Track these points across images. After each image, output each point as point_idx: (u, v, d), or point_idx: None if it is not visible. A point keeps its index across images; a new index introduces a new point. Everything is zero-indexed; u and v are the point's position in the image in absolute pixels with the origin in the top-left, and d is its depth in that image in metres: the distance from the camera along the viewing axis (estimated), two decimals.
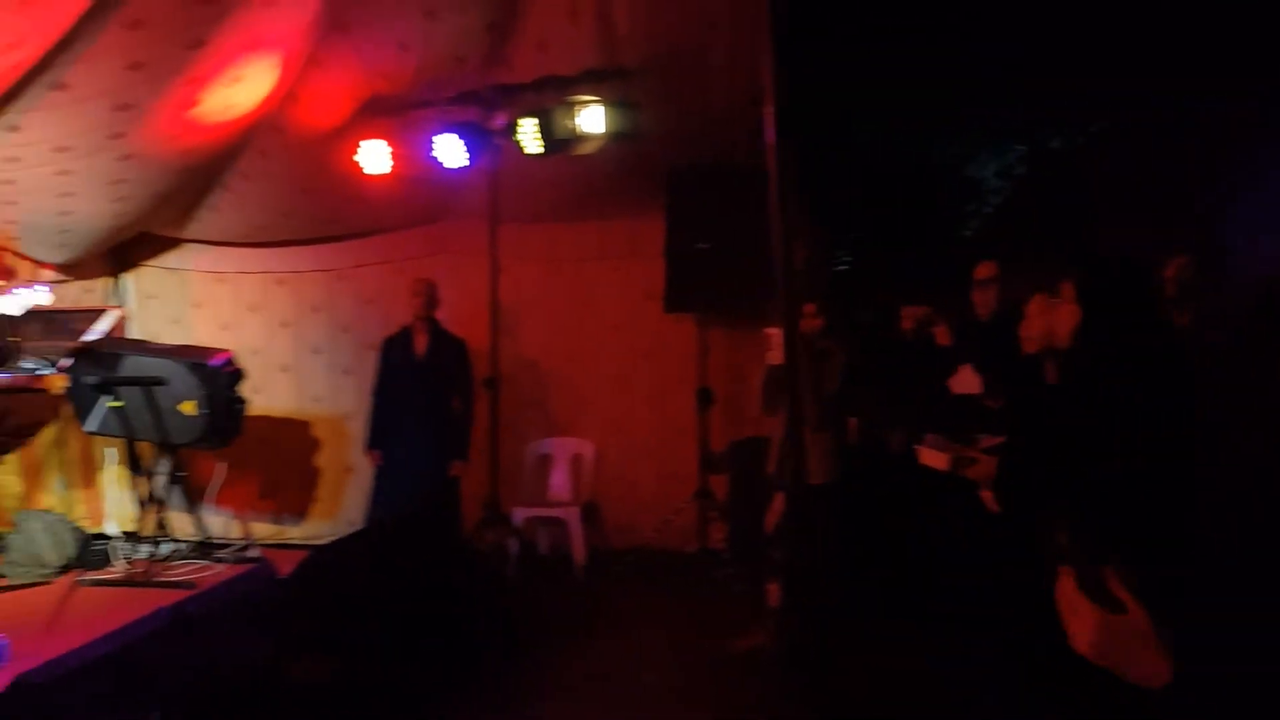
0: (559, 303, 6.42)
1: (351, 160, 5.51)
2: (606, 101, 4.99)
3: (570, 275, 6.40)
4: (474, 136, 5.31)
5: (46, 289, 4.35)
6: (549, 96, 5.12)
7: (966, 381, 4.08)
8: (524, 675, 4.26)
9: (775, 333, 4.01)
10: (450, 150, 5.31)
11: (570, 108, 5.00)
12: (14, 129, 5.14)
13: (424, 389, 5.73)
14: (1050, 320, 2.69)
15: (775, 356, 4.08)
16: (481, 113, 5.29)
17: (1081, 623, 2.39)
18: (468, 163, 5.40)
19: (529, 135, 5.11)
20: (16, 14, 4.18)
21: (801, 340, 4.02)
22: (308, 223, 6.50)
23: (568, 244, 6.36)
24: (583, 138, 5.03)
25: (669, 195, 5.68)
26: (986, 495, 3.04)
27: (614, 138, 5.07)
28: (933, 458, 3.38)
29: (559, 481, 6.24)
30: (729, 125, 5.23)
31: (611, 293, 6.36)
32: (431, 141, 5.32)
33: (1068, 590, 2.45)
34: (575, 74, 5.03)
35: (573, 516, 5.85)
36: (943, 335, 4.43)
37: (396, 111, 5.47)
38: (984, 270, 4.30)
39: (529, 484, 6.24)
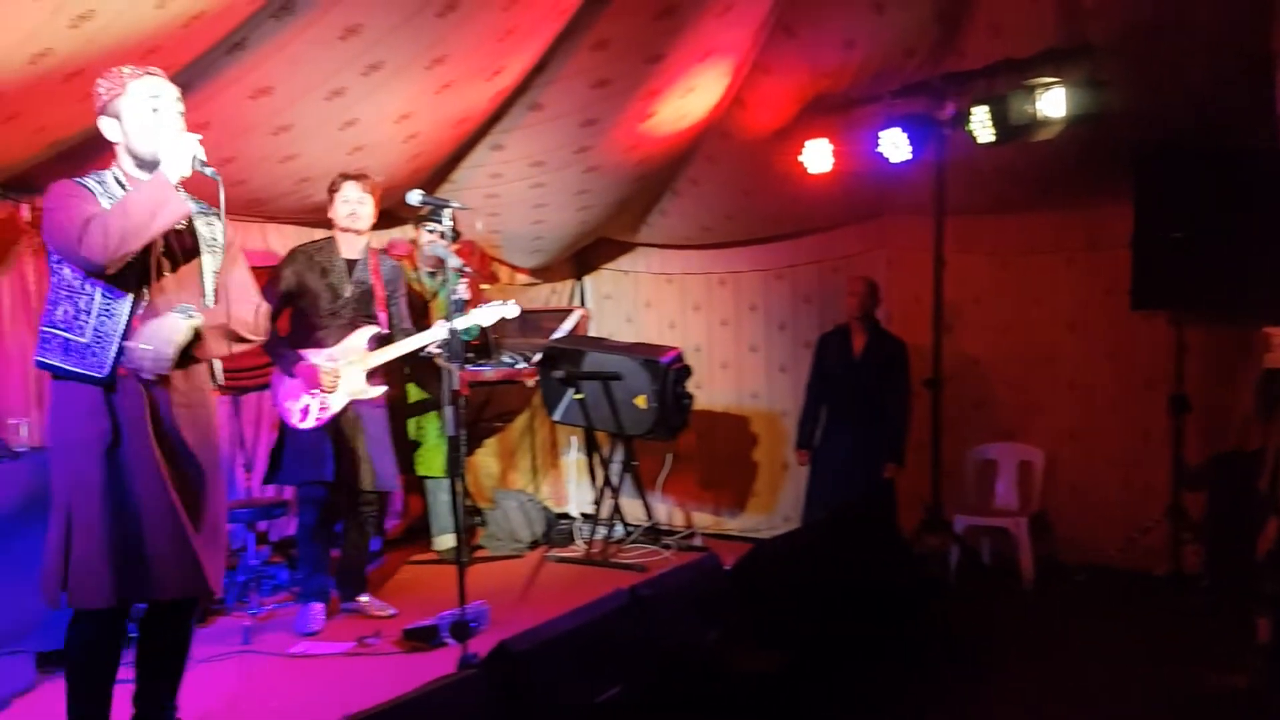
0: (1007, 299, 6.06)
1: (793, 161, 5.56)
2: (1069, 82, 4.61)
3: (1019, 269, 6.02)
4: (920, 129, 5.15)
5: (515, 304, 4.85)
6: (1003, 81, 4.83)
7: None
8: (968, 686, 4.06)
9: (1278, 331, 3.50)
10: (895, 144, 5.19)
11: (1028, 92, 4.68)
12: (498, 148, 5.73)
13: (860, 389, 5.66)
14: None
15: (1276, 359, 3.56)
16: (929, 104, 5.11)
17: None
18: (911, 156, 5.25)
19: (981, 124, 4.86)
20: (501, 43, 4.64)
21: None
22: (749, 224, 6.67)
23: (1017, 236, 5.98)
24: (1041, 123, 4.68)
25: (1137, 180, 5.14)
26: None
27: (1075, 121, 4.68)
28: None
29: (1005, 489, 5.90)
30: (1211, 99, 4.64)
31: (1066, 288, 5.89)
32: (874, 137, 5.23)
33: None
34: (1034, 55, 4.71)
35: (1020, 527, 5.51)
36: None
37: (840, 109, 5.45)
38: None
39: (972, 490, 5.96)
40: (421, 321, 5.27)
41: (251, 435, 5.69)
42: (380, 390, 4.72)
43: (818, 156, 5.49)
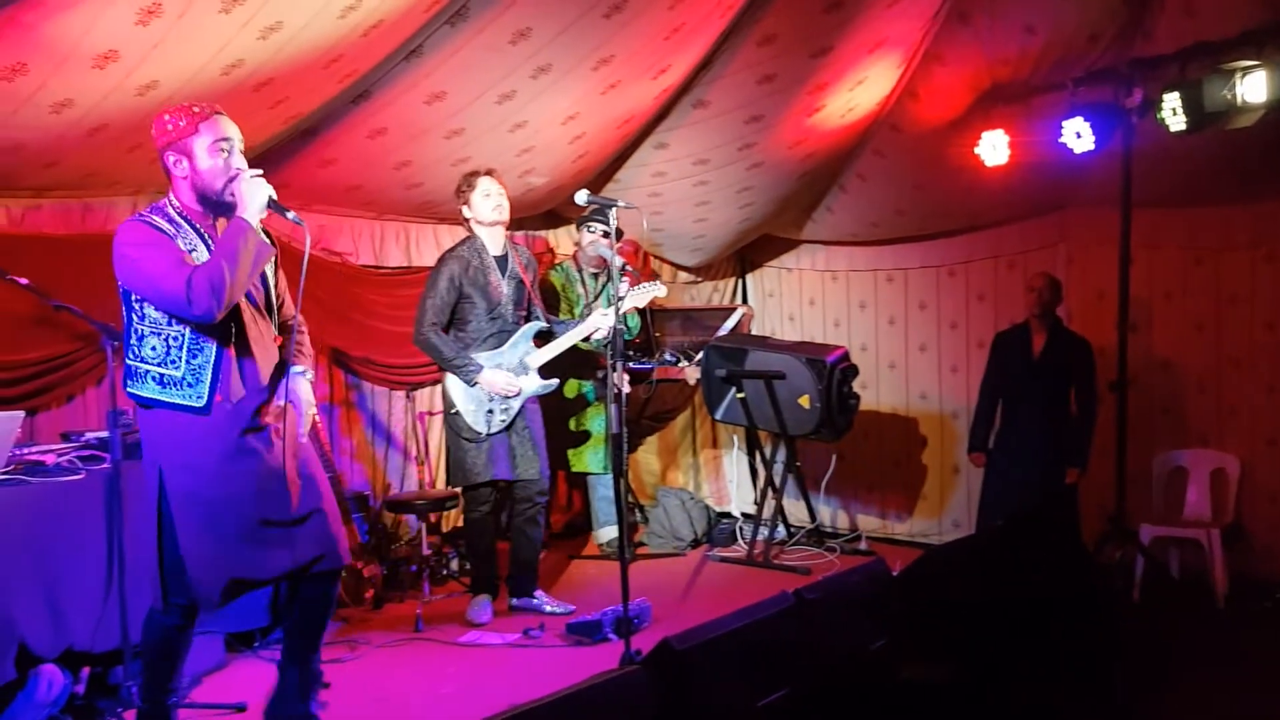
0: (1200, 297, 5.69)
1: (968, 153, 5.37)
2: (1271, 65, 4.30)
3: (1213, 266, 5.64)
4: (1104, 118, 4.88)
5: (662, 285, 4.87)
6: (1197, 66, 4.53)
7: None
8: (1150, 707, 3.83)
9: None
10: (1077, 134, 4.94)
11: (1225, 76, 4.38)
12: (662, 146, 5.75)
13: (1040, 390, 5.43)
14: None
15: None
16: (1115, 91, 4.84)
17: None
18: (1094, 146, 4.99)
19: (1172, 111, 4.57)
20: (666, 42, 4.65)
21: None
22: (919, 219, 6.48)
23: (1212, 230, 5.61)
24: (1239, 109, 4.37)
25: None
26: None
27: (1277, 107, 4.35)
28: None
29: (1196, 498, 5.54)
30: None
31: (1265, 285, 5.48)
32: (1055, 127, 4.99)
33: None
34: (1231, 37, 4.40)
35: (1212, 539, 5.16)
36: None
37: (1018, 98, 5.23)
38: None
39: (1159, 499, 5.63)
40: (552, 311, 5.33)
41: (424, 429, 5.88)
42: (554, 384, 4.79)
43: (994, 148, 5.29)
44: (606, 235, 4.90)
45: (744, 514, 7.01)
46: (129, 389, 3.02)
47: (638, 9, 4.30)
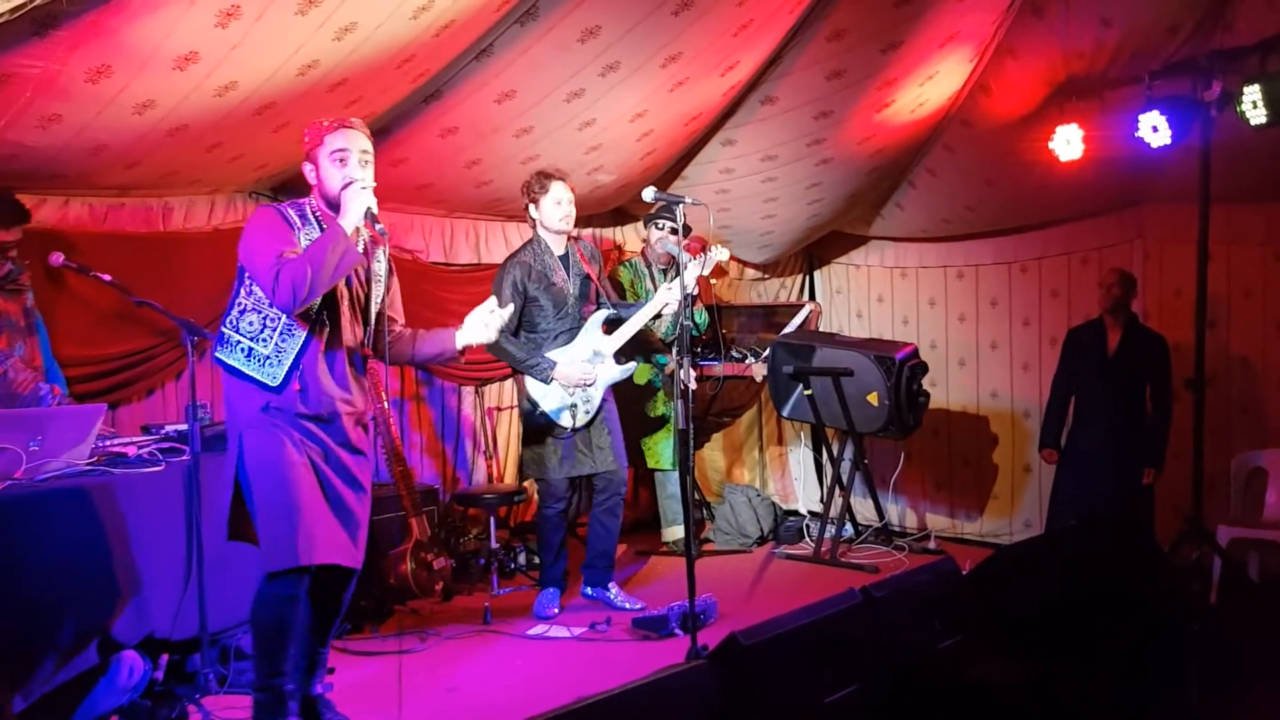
0: None
1: (1041, 148, 5.27)
2: None
3: None
4: (1182, 111, 4.77)
5: (725, 250, 4.86)
6: (1279, 58, 4.41)
7: None
8: (1222, 715, 3.73)
9: None
10: (1154, 128, 4.83)
11: None
12: (730, 143, 5.74)
13: (1114, 388, 5.32)
14: None
15: None
16: (1193, 84, 4.73)
17: None
18: (1171, 140, 4.88)
19: (1253, 104, 4.45)
20: (735, 38, 4.64)
21: None
22: (990, 215, 6.39)
23: None
24: None
25: None
26: None
27: None
28: None
29: (1276, 499, 5.39)
30: None
31: None
32: (1131, 120, 4.89)
33: None
34: None
35: None
36: None
37: (1092, 92, 5.12)
38: None
39: (1238, 500, 5.48)
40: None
41: (492, 424, 5.94)
42: (631, 368, 4.79)
43: (1068, 143, 5.19)
44: (674, 232, 4.90)
45: (810, 512, 6.98)
46: (217, 354, 3.19)
47: (706, 5, 4.30)
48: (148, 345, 4.54)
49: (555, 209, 4.70)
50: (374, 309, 3.37)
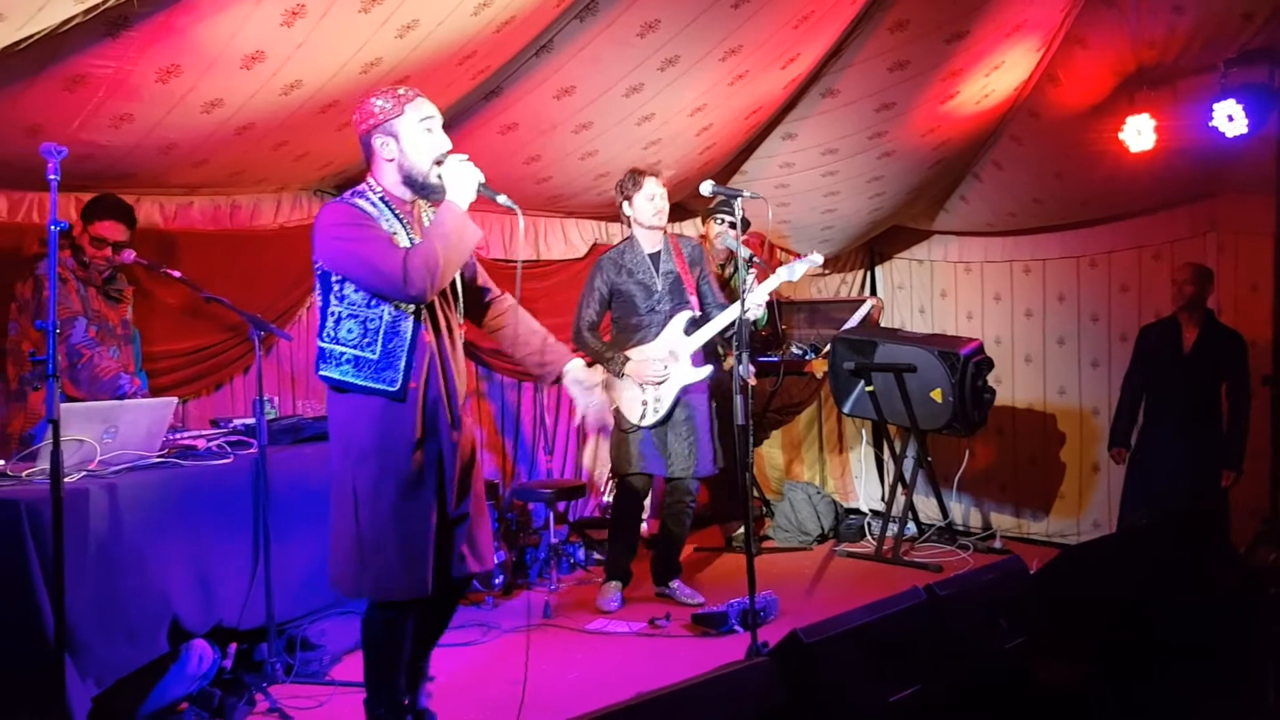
0: None
1: (1111, 139, 5.16)
2: None
3: None
4: (1259, 100, 4.62)
5: (820, 256, 4.79)
6: None
7: None
8: None
9: None
10: (1229, 117, 4.70)
11: None
12: (790, 137, 5.69)
13: (1189, 387, 5.19)
14: None
15: None
16: (1270, 72, 4.59)
17: None
18: (1248, 130, 4.74)
19: None
20: (795, 30, 4.60)
21: None
22: (1058, 208, 6.27)
23: None
24: None
25: None
26: None
27: None
28: None
29: None
30: None
31: None
32: (1205, 110, 4.76)
33: None
34: None
35: None
36: None
37: (1164, 81, 5.00)
38: None
39: None
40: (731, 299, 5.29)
41: (551, 420, 5.97)
42: (707, 371, 4.77)
43: (1139, 133, 5.07)
44: (733, 226, 4.87)
45: (872, 510, 6.90)
46: (321, 372, 3.00)
47: None
48: (216, 340, 4.63)
49: (648, 204, 4.73)
50: (459, 290, 3.23)
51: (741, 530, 6.00)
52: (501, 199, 3.01)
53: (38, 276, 3.85)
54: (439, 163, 2.98)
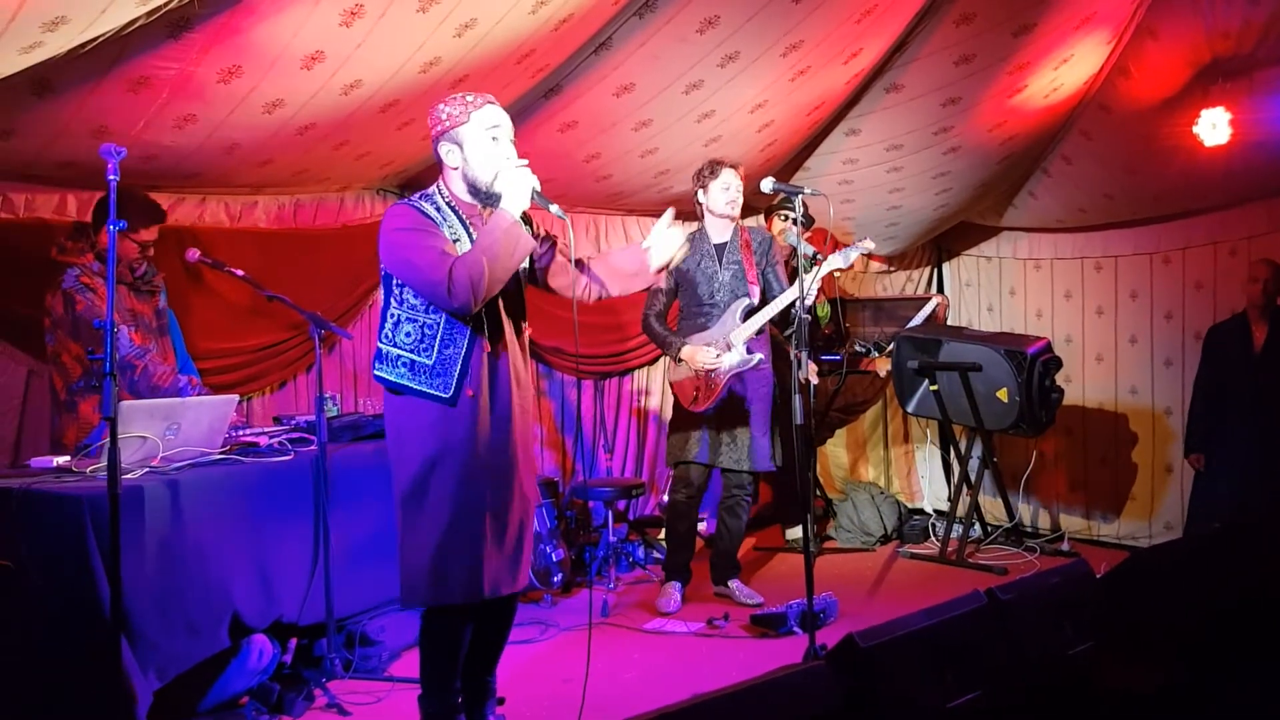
0: None
1: (1185, 133, 5.01)
2: None
3: None
4: None
5: (871, 242, 4.70)
6: None
7: None
8: None
9: None
10: None
11: None
12: (853, 132, 5.62)
13: (1262, 387, 5.03)
14: None
15: None
16: None
17: None
18: None
19: None
20: (858, 24, 4.53)
21: None
22: (1130, 203, 6.11)
23: None
24: None
25: None
26: None
27: None
28: None
29: None
30: None
31: None
32: None
33: None
34: None
35: None
36: None
37: (1240, 73, 4.84)
38: None
39: None
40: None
41: (611, 419, 5.96)
42: (755, 359, 4.73)
43: (1214, 127, 4.93)
44: (795, 223, 4.82)
45: (936, 510, 6.79)
46: (377, 372, 3.00)
47: None
48: (279, 339, 4.69)
49: (722, 194, 4.78)
50: (523, 295, 3.18)
51: (799, 530, 5.93)
52: (554, 208, 2.96)
53: (66, 291, 3.71)
54: (501, 168, 2.94)
